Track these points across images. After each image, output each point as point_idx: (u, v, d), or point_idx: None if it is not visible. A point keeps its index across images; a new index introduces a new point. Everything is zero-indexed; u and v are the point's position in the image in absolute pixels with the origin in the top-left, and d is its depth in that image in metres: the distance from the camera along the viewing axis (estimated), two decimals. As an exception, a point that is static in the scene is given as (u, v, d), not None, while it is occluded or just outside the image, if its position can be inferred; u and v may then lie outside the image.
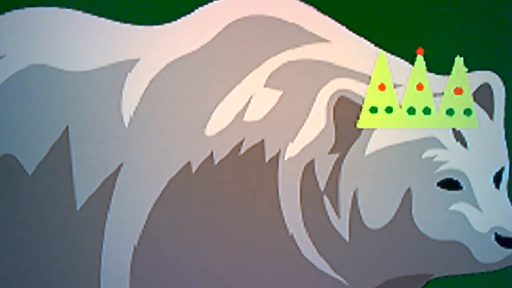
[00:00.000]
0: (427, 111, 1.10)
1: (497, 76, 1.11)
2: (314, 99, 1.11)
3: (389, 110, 1.10)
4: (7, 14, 1.15)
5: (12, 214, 1.13)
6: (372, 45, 1.11)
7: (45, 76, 1.12)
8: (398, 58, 1.11)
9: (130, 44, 1.13)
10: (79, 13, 1.14)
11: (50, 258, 1.14)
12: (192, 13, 1.13)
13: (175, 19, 1.12)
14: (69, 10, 1.14)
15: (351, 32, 1.11)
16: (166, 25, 1.13)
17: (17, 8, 1.14)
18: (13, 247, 1.14)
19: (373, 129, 1.10)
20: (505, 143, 1.13)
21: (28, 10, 1.14)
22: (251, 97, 1.12)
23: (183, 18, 1.13)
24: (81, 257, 1.14)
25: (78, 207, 1.13)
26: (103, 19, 1.13)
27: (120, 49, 1.13)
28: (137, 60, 1.13)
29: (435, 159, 1.10)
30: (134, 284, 1.14)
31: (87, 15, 1.14)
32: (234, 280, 1.14)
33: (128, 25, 1.13)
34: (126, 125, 1.12)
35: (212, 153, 1.12)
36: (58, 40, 1.13)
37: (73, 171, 1.13)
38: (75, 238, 1.14)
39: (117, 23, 1.13)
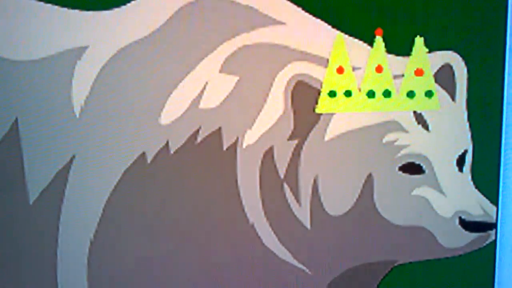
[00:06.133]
0: (387, 94, 1.07)
1: (458, 56, 1.08)
2: (271, 84, 1.07)
3: (348, 93, 1.07)
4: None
5: (-39, 211, 1.10)
6: (329, 26, 1.07)
7: (-10, 66, 1.08)
8: (356, 40, 1.07)
9: (79, 31, 1.08)
10: (25, -1, 1.09)
11: (2, 254, 1.11)
12: (142, -3, 1.08)
13: (124, 4, 1.07)
14: (15, -4, 1.09)
15: (307, 14, 1.07)
16: (115, 9, 1.08)
17: (-41, -5, 1.08)
18: (-37, 245, 1.11)
19: (332, 114, 1.07)
20: (468, 125, 1.10)
21: (-28, -3, 1.09)
22: (206, 83, 1.08)
23: (132, 2, 1.07)
24: (36, 252, 1.10)
25: (31, 201, 1.09)
26: (49, 5, 1.08)
27: (68, 36, 1.08)
28: (86, 47, 1.08)
29: (396, 143, 1.07)
30: (92, 279, 1.11)
31: (33, 1, 1.09)
32: (194, 271, 1.11)
33: (76, 11, 1.08)
34: (77, 115, 1.08)
35: (167, 143, 1.08)
36: (4, 28, 1.08)
37: (24, 164, 1.09)
38: (28, 233, 1.10)
39: (65, 9, 1.08)
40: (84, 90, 1.08)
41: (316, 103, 1.07)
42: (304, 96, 1.07)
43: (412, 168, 1.07)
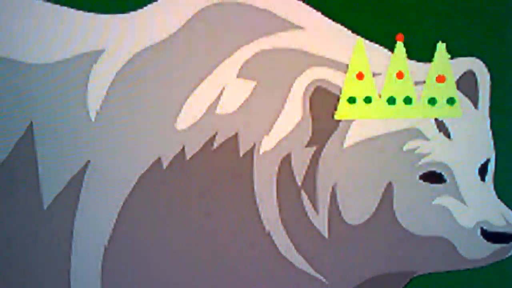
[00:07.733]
0: (408, 100, 1.05)
1: (481, 62, 1.06)
2: (289, 89, 1.05)
3: (368, 100, 1.05)
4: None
5: (-25, 216, 1.09)
6: (349, 31, 1.05)
7: (5, 69, 1.06)
8: (376, 45, 1.06)
9: (94, 34, 1.07)
10: (40, 2, 1.08)
11: (16, 260, 1.10)
12: (159, 0, 1.07)
13: (141, 7, 1.07)
14: (30, -1, 1.08)
15: (326, 18, 1.06)
16: (132, 13, 1.07)
17: (-28, -3, 1.08)
18: (-23, 250, 1.10)
19: (351, 121, 1.05)
20: (490, 133, 1.08)
21: (-15, -1, 1.09)
22: (223, 88, 1.06)
23: (149, 5, 1.07)
24: (49, 258, 1.09)
25: (45, 207, 1.09)
26: (64, 8, 1.08)
27: (83, 40, 1.07)
28: (102, 51, 1.07)
29: (417, 151, 1.05)
30: (106, 286, 1.10)
31: (48, 4, 1.08)
32: (208, 280, 1.09)
33: (92, 14, 1.08)
34: (93, 120, 1.07)
35: (183, 148, 1.07)
36: (18, 31, 1.07)
37: (38, 169, 1.08)
38: (42, 238, 1.09)
39: (80, 12, 1.08)
40: (99, 94, 1.07)
41: (335, 109, 1.05)
42: (322, 102, 1.05)
43: (433, 177, 1.05)
